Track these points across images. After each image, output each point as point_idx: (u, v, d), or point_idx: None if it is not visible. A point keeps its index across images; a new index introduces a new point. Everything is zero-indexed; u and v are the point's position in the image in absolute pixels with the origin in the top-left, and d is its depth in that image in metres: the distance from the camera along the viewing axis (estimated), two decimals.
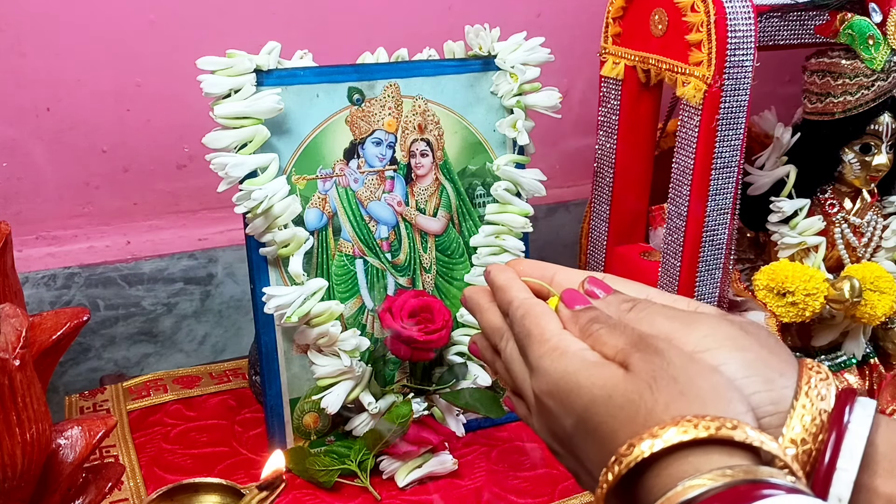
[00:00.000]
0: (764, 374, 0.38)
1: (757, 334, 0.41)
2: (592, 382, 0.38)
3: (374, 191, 0.77)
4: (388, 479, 0.76)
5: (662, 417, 0.35)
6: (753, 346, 0.40)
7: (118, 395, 0.85)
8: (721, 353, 0.39)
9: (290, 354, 0.76)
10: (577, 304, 0.43)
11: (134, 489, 0.73)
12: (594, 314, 0.42)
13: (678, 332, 0.40)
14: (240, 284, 0.99)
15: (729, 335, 0.40)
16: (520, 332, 0.44)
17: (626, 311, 0.43)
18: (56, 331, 0.51)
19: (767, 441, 0.34)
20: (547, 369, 0.41)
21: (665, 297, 0.45)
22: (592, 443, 0.38)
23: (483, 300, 0.49)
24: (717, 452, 0.34)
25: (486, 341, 0.49)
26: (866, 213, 0.87)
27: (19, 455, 0.45)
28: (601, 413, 0.37)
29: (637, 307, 0.43)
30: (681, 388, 0.36)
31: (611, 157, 0.89)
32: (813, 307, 0.81)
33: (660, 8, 0.78)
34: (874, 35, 0.77)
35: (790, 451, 0.37)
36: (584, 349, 0.41)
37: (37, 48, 0.86)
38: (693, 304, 0.44)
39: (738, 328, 0.41)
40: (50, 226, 0.93)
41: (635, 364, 0.38)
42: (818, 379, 0.39)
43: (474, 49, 0.80)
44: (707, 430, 0.34)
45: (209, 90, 0.68)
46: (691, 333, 0.40)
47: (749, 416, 0.36)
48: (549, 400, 0.41)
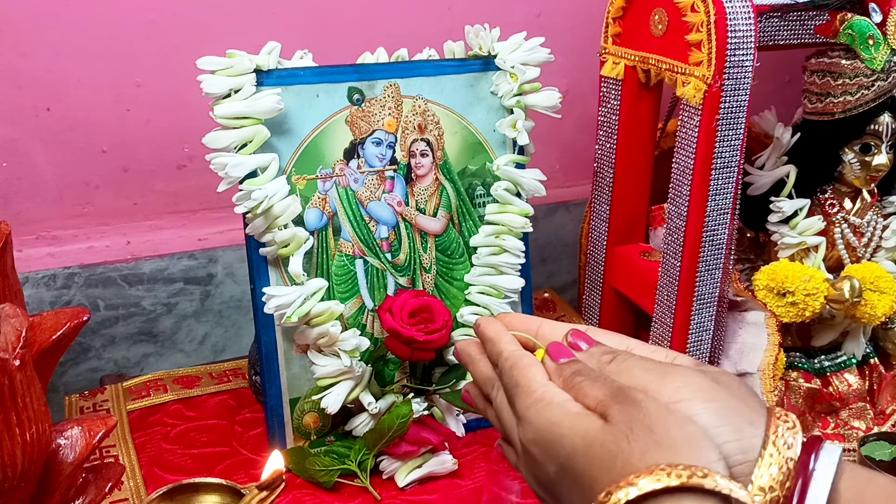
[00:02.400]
0: (734, 424, 0.41)
1: (728, 385, 0.43)
2: (574, 432, 0.41)
3: (374, 191, 0.77)
4: (388, 479, 0.76)
5: (638, 466, 0.37)
6: (724, 396, 0.42)
7: (118, 395, 0.85)
8: (694, 403, 0.41)
9: (290, 354, 0.76)
10: (561, 357, 0.46)
11: (134, 489, 0.73)
12: (577, 367, 0.45)
13: (654, 384, 0.42)
14: (240, 284, 0.99)
15: (701, 386, 0.42)
16: (508, 383, 0.47)
17: (606, 362, 0.46)
18: (56, 331, 0.51)
19: (736, 489, 0.37)
20: (533, 419, 0.44)
21: (644, 348, 0.48)
22: (574, 490, 0.41)
23: (474, 352, 0.52)
24: (689, 499, 0.36)
25: (477, 390, 0.52)
26: (866, 213, 0.87)
27: (19, 455, 0.45)
28: (582, 462, 0.40)
29: (617, 359, 0.45)
30: (656, 438, 0.38)
31: (611, 157, 0.89)
32: (813, 307, 0.81)
33: (660, 8, 0.78)
34: (874, 35, 0.77)
35: (758, 498, 0.39)
36: (567, 400, 0.43)
37: (37, 48, 0.86)
38: (671, 355, 0.47)
39: (711, 379, 0.43)
40: (50, 226, 0.93)
41: (614, 415, 0.40)
42: (785, 428, 0.41)
43: (474, 49, 0.80)
44: (679, 478, 0.36)
45: (209, 90, 0.68)
46: (667, 385, 0.42)
47: (720, 465, 0.38)
48: (535, 448, 0.43)
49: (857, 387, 0.88)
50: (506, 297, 0.82)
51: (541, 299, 1.03)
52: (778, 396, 0.82)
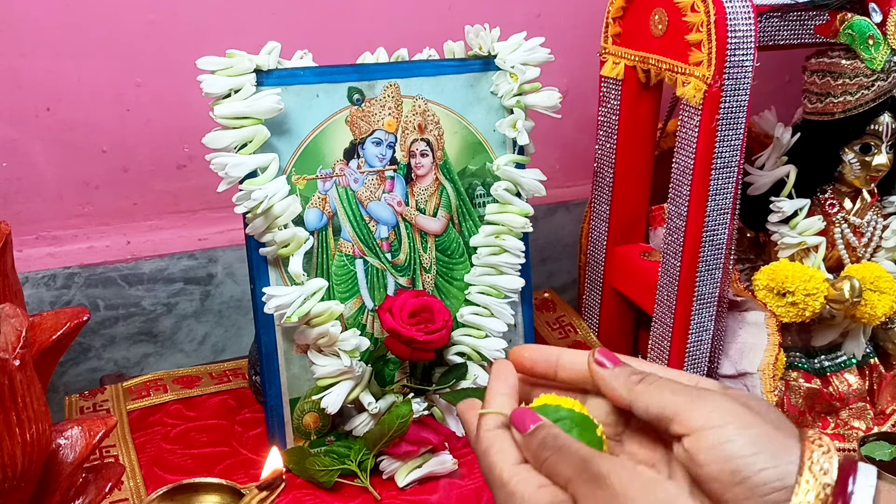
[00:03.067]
0: (770, 451, 0.40)
1: (759, 409, 0.43)
2: None
3: (374, 191, 0.77)
4: (388, 479, 0.76)
5: None
6: (758, 422, 0.42)
7: (118, 395, 0.85)
8: (728, 430, 0.41)
9: (290, 354, 0.76)
10: (529, 425, 0.45)
11: (134, 489, 0.73)
12: (541, 436, 0.44)
13: (683, 407, 0.42)
14: (240, 284, 0.99)
15: (733, 411, 0.42)
16: (484, 467, 0.46)
17: (634, 382, 0.45)
18: (56, 331, 0.51)
19: None
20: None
21: (670, 372, 0.47)
22: None
23: (470, 416, 0.52)
24: None
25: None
26: (866, 213, 0.87)
27: (19, 455, 0.45)
28: None
29: (646, 380, 0.45)
30: None
31: (611, 157, 0.89)
32: (813, 307, 0.81)
33: (660, 8, 0.78)
34: (874, 35, 0.77)
35: None
36: (538, 490, 0.43)
37: (37, 48, 0.86)
38: (695, 378, 0.47)
39: (741, 404, 0.43)
40: (50, 226, 0.93)
41: (581, 499, 0.41)
42: (821, 453, 0.41)
43: (474, 49, 0.80)
44: None
45: (209, 90, 0.68)
46: (697, 409, 0.42)
47: None
48: None
49: (857, 387, 0.88)
50: (506, 297, 0.82)
51: (541, 299, 1.03)
52: (778, 396, 0.82)
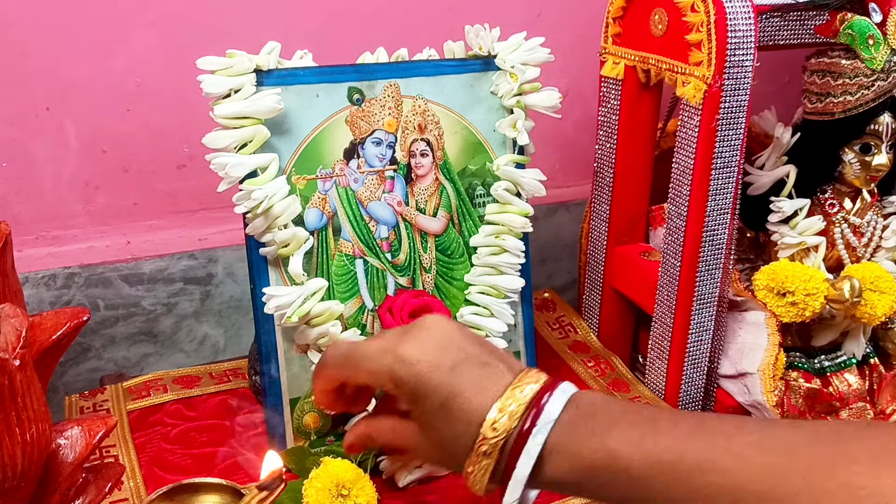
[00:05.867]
0: None
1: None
2: None
3: (374, 191, 0.77)
4: (387, 478, 0.76)
5: None
6: None
7: (118, 395, 0.85)
8: None
9: (290, 354, 0.76)
10: None
11: (134, 489, 0.73)
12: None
13: None
14: (240, 284, 0.99)
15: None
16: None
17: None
18: (56, 331, 0.51)
19: None
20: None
21: None
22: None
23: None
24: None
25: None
26: (866, 213, 0.87)
27: (19, 455, 0.45)
28: None
29: None
30: None
31: (611, 157, 0.89)
32: (813, 307, 0.81)
33: (660, 8, 0.78)
34: (874, 35, 0.77)
35: None
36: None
37: (37, 48, 0.86)
38: None
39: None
40: (50, 226, 0.93)
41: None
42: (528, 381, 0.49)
43: (474, 49, 0.80)
44: None
45: (209, 90, 0.68)
46: None
47: None
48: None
49: (857, 387, 0.88)
50: (506, 298, 0.81)
51: (541, 299, 1.03)
52: (778, 396, 0.82)
